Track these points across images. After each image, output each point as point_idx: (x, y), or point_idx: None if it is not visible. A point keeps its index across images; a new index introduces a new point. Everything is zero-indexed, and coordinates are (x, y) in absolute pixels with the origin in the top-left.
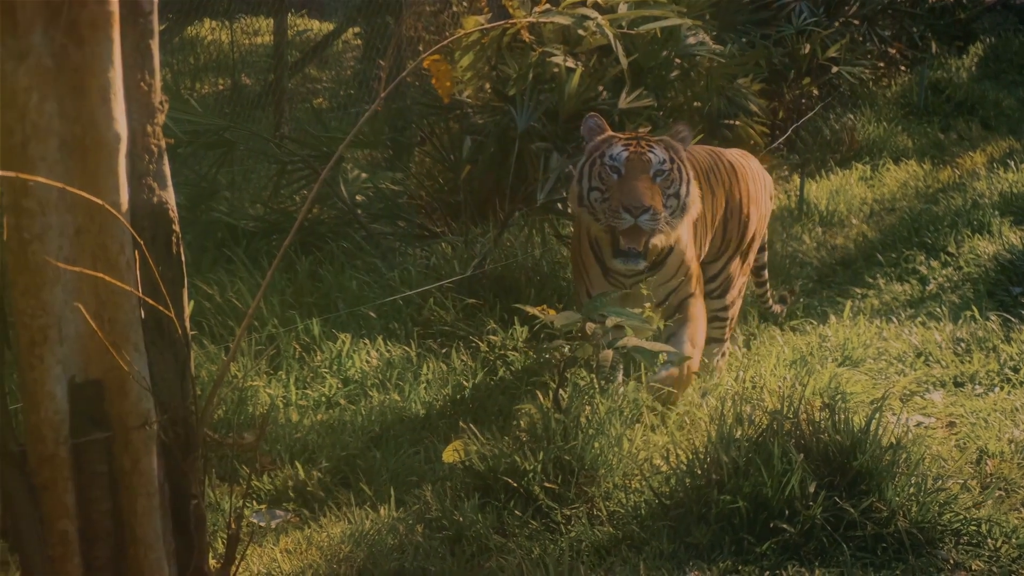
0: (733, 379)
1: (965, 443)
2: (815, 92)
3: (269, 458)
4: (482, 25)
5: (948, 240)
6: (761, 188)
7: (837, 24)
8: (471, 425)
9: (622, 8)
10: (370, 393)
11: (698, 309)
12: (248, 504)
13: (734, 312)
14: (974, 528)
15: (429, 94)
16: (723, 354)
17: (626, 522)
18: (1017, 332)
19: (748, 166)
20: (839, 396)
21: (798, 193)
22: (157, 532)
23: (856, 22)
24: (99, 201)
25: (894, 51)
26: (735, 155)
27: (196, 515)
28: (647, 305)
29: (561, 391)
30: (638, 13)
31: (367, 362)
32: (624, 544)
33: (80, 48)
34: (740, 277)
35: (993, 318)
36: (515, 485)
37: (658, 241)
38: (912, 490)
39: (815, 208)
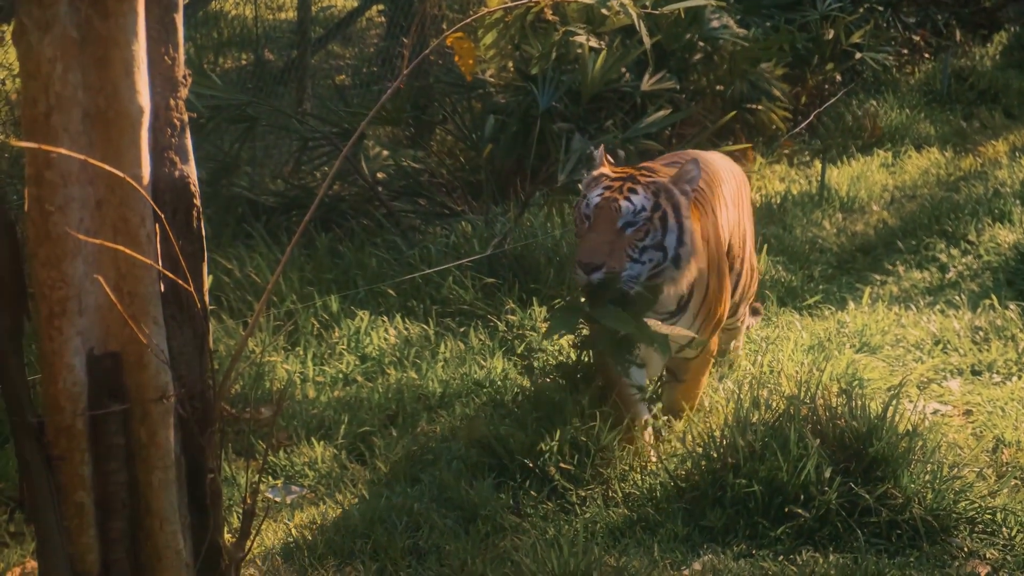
0: (750, 363)
1: (981, 432)
2: (838, 78)
3: (285, 434)
4: (506, 4)
5: (968, 228)
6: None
7: (861, 10)
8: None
9: None
10: (387, 371)
11: (705, 362)
12: (264, 479)
13: (744, 313)
14: (989, 517)
15: (452, 72)
16: (738, 346)
17: (641, 504)
18: None
19: (742, 173)
20: (856, 382)
21: (819, 179)
22: (173, 505)
23: (880, 8)
24: (121, 174)
25: (918, 38)
26: (730, 162)
27: (212, 489)
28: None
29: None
30: None
31: (385, 340)
32: (639, 526)
33: (105, 20)
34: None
35: (1012, 307)
36: (531, 465)
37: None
38: (928, 478)
39: (836, 194)
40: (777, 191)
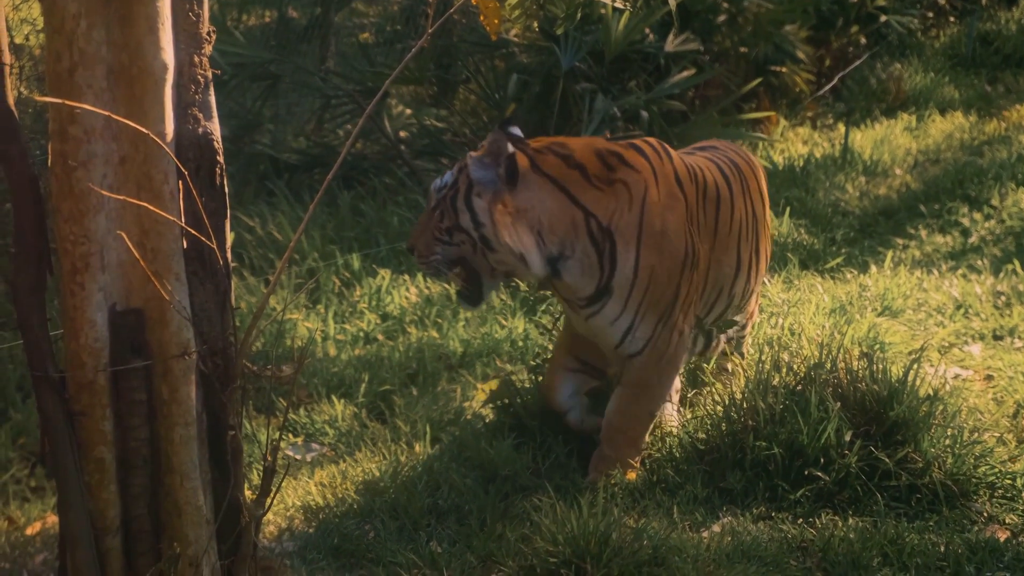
0: (771, 326)
1: (1002, 397)
2: (863, 41)
3: (306, 391)
4: None
5: (992, 193)
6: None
7: None
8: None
9: None
10: (408, 329)
11: (649, 374)
12: (284, 437)
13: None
14: (1009, 482)
15: (476, 31)
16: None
17: (661, 465)
18: None
19: (759, 166)
20: (877, 346)
21: (842, 142)
22: (194, 462)
23: None
24: (144, 130)
25: (943, 1)
26: (748, 154)
27: (233, 446)
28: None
29: None
30: None
31: (406, 298)
32: (658, 488)
33: None
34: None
35: None
36: (551, 426)
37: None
38: (948, 442)
39: (859, 157)
40: (800, 154)
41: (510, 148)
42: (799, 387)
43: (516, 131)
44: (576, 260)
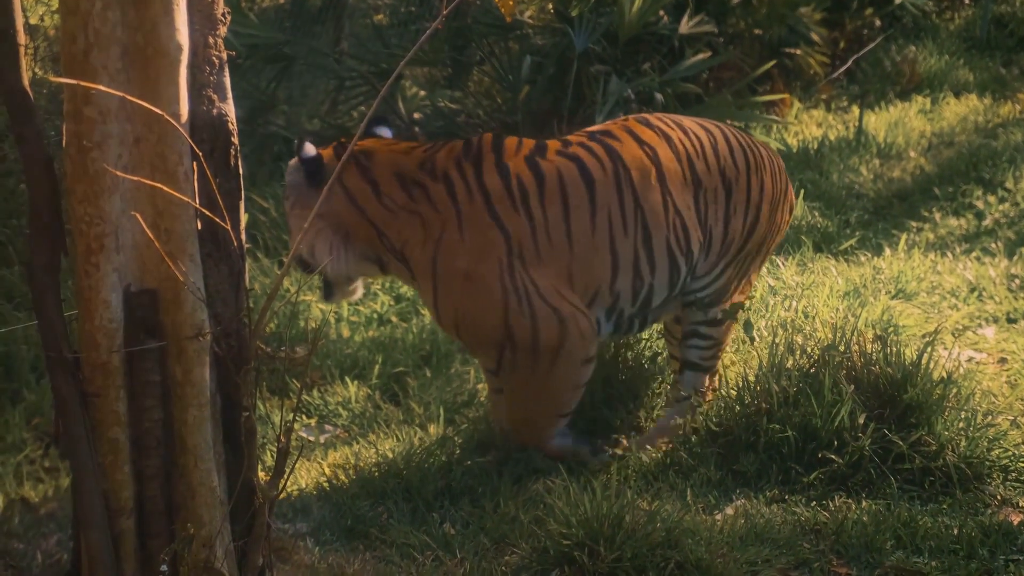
0: (785, 309)
1: (1016, 379)
2: (877, 23)
3: (319, 373)
4: None
5: (1006, 175)
6: (780, 190)
7: None
8: None
9: None
10: (422, 311)
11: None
12: (298, 418)
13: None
14: (1022, 465)
15: (490, 13)
16: (709, 385)
17: (674, 448)
18: None
19: (767, 157)
20: (891, 329)
21: (856, 124)
22: (208, 443)
23: None
24: (159, 111)
25: None
26: (749, 141)
27: (247, 428)
28: None
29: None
30: None
31: None
32: (672, 470)
33: None
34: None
35: None
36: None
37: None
38: (961, 425)
39: (873, 140)
40: (814, 136)
41: (311, 153)
42: (813, 370)
43: (384, 132)
44: (395, 268)
